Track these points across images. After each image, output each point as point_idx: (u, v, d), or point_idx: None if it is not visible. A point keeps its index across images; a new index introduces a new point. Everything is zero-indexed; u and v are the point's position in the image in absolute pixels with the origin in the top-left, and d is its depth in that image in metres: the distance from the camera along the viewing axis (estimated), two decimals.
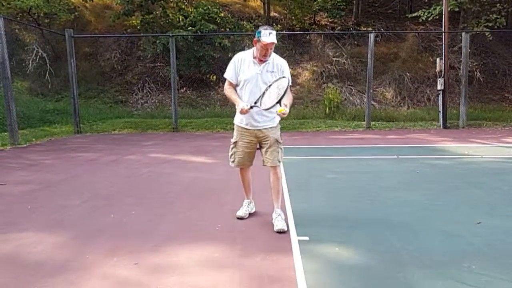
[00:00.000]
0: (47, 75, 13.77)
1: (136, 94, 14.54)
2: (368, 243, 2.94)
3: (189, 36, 13.50)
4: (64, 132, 10.32)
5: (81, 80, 13.40)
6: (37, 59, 13.83)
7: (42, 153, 7.37)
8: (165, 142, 8.77)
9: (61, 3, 14.73)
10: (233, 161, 3.46)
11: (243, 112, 3.13)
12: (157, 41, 13.71)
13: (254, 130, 3.30)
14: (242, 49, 14.62)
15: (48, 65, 13.81)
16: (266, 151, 3.30)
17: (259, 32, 3.08)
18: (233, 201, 4.01)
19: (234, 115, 3.42)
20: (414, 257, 2.69)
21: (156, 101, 14.35)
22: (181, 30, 13.69)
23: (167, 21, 14.78)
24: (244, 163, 3.46)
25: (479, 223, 3.31)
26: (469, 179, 4.96)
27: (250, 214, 3.64)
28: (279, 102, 3.00)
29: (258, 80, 3.19)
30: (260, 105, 3.12)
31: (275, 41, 3.07)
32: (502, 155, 6.63)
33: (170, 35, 11.31)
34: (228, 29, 14.77)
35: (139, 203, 4.06)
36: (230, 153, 3.48)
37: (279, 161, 3.32)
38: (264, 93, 3.13)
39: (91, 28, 16.36)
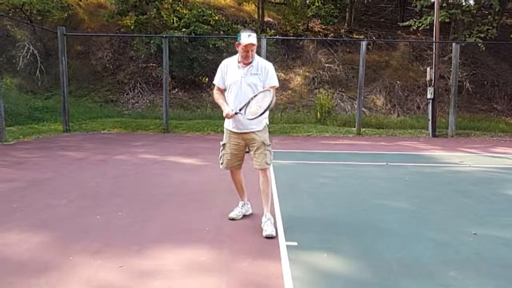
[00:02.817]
0: (37, 72, 13.58)
1: (127, 94, 14.42)
2: (357, 250, 2.94)
3: (183, 38, 13.45)
4: (53, 130, 10.17)
5: (72, 79, 13.25)
6: (28, 56, 13.64)
7: (29, 151, 7.24)
8: (155, 143, 8.70)
9: (55, 0, 14.57)
10: (221, 163, 3.52)
11: (228, 116, 3.28)
12: (151, 42, 13.65)
13: (241, 133, 3.34)
14: (236, 52, 14.73)
15: (39, 62, 13.63)
16: (254, 154, 3.35)
17: (239, 35, 3.20)
18: (222, 204, 3.98)
19: (225, 118, 3.43)
20: (402, 265, 2.69)
21: (147, 101, 14.25)
22: (175, 31, 13.64)
23: (161, 22, 14.73)
24: (232, 165, 3.49)
25: (474, 233, 3.31)
26: (457, 187, 5.01)
27: (243, 217, 3.63)
28: (261, 114, 3.10)
29: (242, 83, 3.27)
30: (245, 113, 3.18)
31: (255, 42, 3.18)
32: (489, 165, 6.72)
33: (164, 36, 11.26)
34: (222, 32, 14.78)
35: (126, 204, 4.00)
36: (219, 155, 3.54)
37: (267, 164, 3.34)
38: (249, 102, 3.20)
39: (84, 26, 16.21)
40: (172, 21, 14.78)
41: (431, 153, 7.95)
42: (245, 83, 3.26)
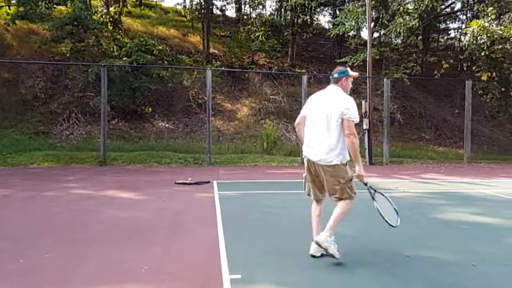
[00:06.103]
0: None
1: (60, 125, 13.49)
2: (303, 282, 2.89)
3: (124, 66, 13.10)
4: None
5: None
6: None
7: None
8: (90, 176, 8.14)
9: None
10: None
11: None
12: (89, 70, 13.10)
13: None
14: (181, 83, 14.60)
15: None
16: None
17: (346, 70, 3.67)
18: (163, 240, 3.76)
19: (170, 149, 3.28)
20: None
21: (83, 132, 13.45)
22: (116, 60, 13.26)
23: (100, 50, 14.27)
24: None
25: (408, 256, 3.45)
26: None
27: (184, 251, 3.42)
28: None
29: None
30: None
31: None
32: (421, 190, 7.16)
33: (102, 64, 10.88)
34: (166, 62, 14.64)
35: (56, 245, 3.61)
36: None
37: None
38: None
39: (13, 53, 15.19)
40: (112, 49, 14.39)
41: (368, 180, 8.28)
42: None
